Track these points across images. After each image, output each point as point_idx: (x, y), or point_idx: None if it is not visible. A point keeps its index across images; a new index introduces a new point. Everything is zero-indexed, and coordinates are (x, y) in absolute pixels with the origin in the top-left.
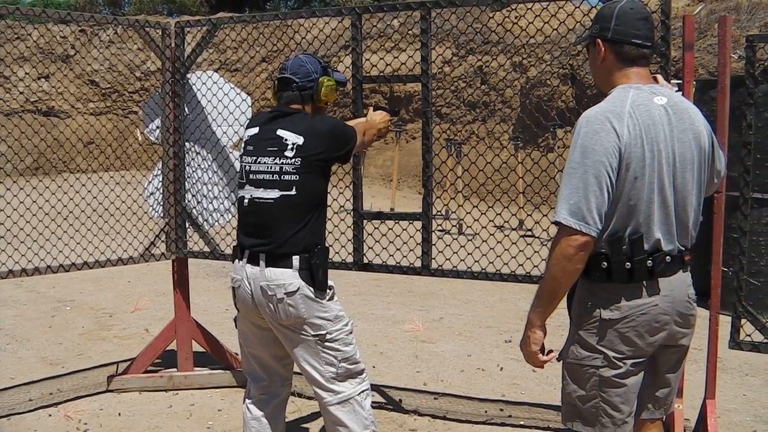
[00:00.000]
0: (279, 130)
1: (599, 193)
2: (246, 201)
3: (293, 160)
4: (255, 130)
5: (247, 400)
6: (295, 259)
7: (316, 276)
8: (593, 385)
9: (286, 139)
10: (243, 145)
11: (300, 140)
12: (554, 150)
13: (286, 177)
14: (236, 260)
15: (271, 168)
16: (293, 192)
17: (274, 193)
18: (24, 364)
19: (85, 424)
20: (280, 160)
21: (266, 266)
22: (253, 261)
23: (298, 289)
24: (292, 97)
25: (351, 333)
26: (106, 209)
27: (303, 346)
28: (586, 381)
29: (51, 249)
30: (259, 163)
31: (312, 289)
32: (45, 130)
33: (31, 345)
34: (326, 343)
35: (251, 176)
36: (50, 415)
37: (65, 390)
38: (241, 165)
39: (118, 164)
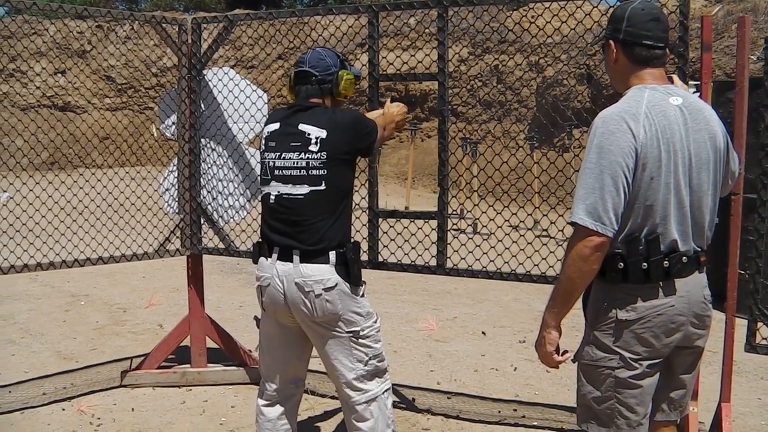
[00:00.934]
0: (300, 124)
1: (615, 193)
2: (273, 197)
3: (319, 154)
4: (275, 126)
5: (261, 401)
6: (332, 255)
7: (351, 271)
8: (609, 387)
9: (309, 134)
10: (263, 141)
11: (323, 134)
12: (570, 150)
13: (314, 172)
14: (262, 258)
15: (297, 163)
16: (323, 187)
17: (304, 189)
18: (38, 358)
19: (99, 418)
20: (305, 155)
21: (301, 262)
22: (285, 257)
23: (336, 284)
24: (311, 91)
25: (379, 330)
26: (121, 205)
27: (335, 343)
28: (601, 382)
29: (66, 244)
30: (284, 158)
31: (348, 284)
32: (61, 125)
33: (45, 339)
34: (359, 340)
35: (276, 172)
36: (64, 410)
37: (79, 384)
38: (263, 161)
39: (134, 160)
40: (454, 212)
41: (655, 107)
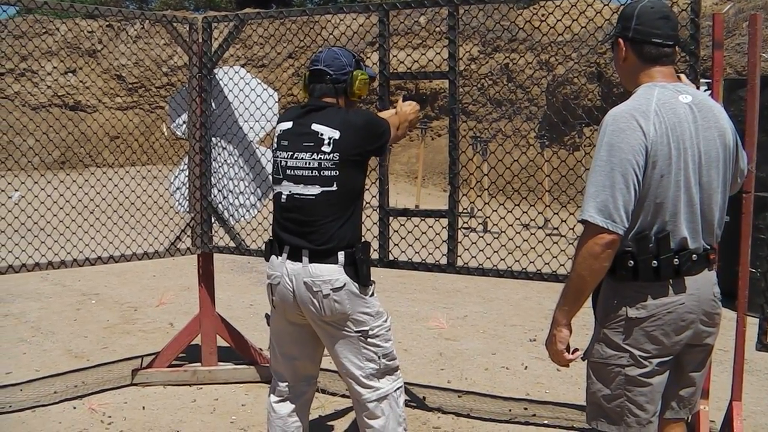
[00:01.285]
0: (314, 124)
1: (626, 191)
2: (284, 197)
3: (331, 155)
4: (288, 125)
5: (273, 398)
6: (341, 255)
7: (360, 271)
8: (618, 384)
9: (321, 134)
10: (275, 140)
11: (336, 134)
12: (581, 148)
13: (326, 173)
14: (273, 256)
15: (309, 164)
16: (334, 188)
17: (315, 189)
18: (49, 356)
19: (110, 417)
20: (318, 155)
21: (310, 262)
22: (295, 257)
23: (345, 284)
24: (325, 90)
25: (390, 329)
26: (132, 203)
27: (344, 343)
28: (611, 380)
29: (77, 242)
30: (296, 158)
31: (356, 284)
32: (72, 123)
33: (56, 338)
34: (369, 339)
35: (288, 171)
36: (75, 408)
37: (90, 383)
38: (275, 160)
39: (145, 159)
40: (465, 210)
41: (665, 105)
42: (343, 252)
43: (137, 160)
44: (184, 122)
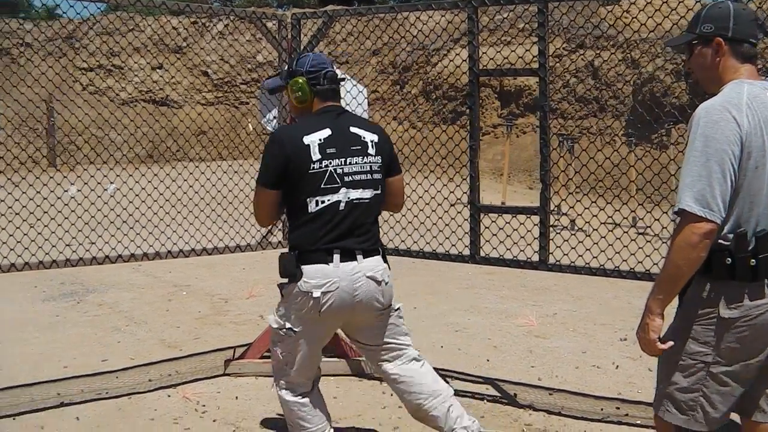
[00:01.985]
0: (351, 127)
1: (723, 180)
2: (343, 204)
3: (377, 158)
4: (327, 132)
5: (299, 398)
6: (381, 249)
7: (386, 261)
8: (699, 380)
9: (363, 137)
10: (316, 150)
11: (375, 138)
12: (669, 147)
13: (376, 176)
14: (320, 265)
15: (363, 168)
16: (380, 191)
17: (369, 193)
18: (143, 345)
19: (203, 405)
20: (367, 158)
21: (364, 258)
22: (349, 258)
23: (390, 273)
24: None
25: None
26: (224, 197)
27: (392, 325)
28: (692, 374)
29: (171, 234)
30: (350, 164)
31: None
32: (165, 118)
33: (149, 327)
34: (401, 316)
35: (346, 178)
36: (169, 396)
37: (183, 372)
38: (323, 170)
39: (236, 153)
40: (556, 208)
41: (756, 98)
42: (380, 246)
43: (228, 155)
44: (274, 117)
